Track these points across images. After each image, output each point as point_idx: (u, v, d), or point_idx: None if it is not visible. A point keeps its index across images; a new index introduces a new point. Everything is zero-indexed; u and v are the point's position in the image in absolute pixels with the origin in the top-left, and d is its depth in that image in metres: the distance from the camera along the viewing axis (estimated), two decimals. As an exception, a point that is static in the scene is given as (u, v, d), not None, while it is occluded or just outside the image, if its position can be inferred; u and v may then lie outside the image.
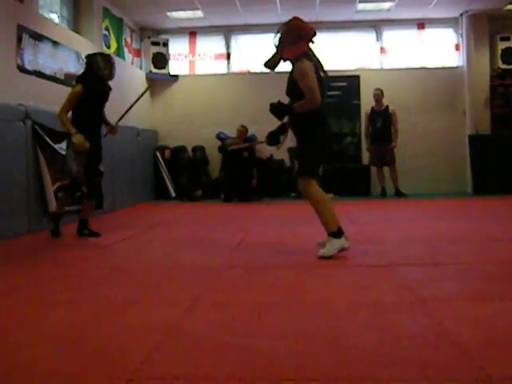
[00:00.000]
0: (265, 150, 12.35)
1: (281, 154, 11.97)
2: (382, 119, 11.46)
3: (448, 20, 12.65)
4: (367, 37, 12.86)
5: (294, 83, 4.96)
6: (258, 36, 12.85)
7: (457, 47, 12.85)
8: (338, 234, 4.89)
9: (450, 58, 12.91)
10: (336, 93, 12.89)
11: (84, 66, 6.41)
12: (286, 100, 5.13)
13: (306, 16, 11.90)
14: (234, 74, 13.01)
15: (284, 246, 5.66)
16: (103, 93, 6.34)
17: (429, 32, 12.82)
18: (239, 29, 12.82)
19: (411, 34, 12.82)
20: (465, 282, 3.92)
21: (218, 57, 13.05)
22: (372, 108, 11.61)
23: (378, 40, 12.82)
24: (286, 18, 11.94)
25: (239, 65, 13.03)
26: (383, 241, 5.84)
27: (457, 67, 12.79)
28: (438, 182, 12.45)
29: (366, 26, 12.75)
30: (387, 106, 11.53)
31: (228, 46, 13.00)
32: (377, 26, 12.74)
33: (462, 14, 12.36)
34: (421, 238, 6.00)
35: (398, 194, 11.54)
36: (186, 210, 10.14)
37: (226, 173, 11.48)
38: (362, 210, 9.40)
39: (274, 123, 5.10)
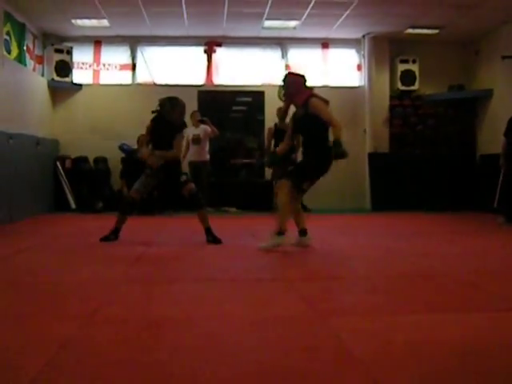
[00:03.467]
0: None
1: (184, 166, 11.92)
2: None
3: (351, 41, 13.00)
4: (273, 54, 13.04)
5: (308, 119, 6.30)
6: (165, 48, 12.81)
7: (359, 67, 13.22)
8: (280, 233, 6.04)
9: (352, 77, 13.27)
10: (241, 108, 13.02)
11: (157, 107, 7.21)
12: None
13: (213, 31, 12.10)
14: (139, 85, 12.87)
15: (184, 260, 5.64)
16: (170, 130, 7.03)
17: (332, 51, 13.13)
18: (145, 40, 12.71)
19: (315, 52, 13.10)
20: (361, 295, 4.02)
21: (123, 67, 12.87)
22: (275, 125, 11.74)
23: (283, 57, 13.01)
24: (193, 31, 12.16)
25: (144, 76, 12.90)
26: (281, 255, 5.90)
27: (358, 87, 13.17)
28: (339, 198, 12.74)
29: (271, 43, 12.92)
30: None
31: (134, 57, 12.85)
32: (282, 43, 12.94)
33: (364, 36, 12.74)
34: (320, 253, 6.11)
35: (304, 208, 11.70)
36: (87, 222, 9.92)
37: (128, 185, 11.32)
38: (265, 224, 9.46)
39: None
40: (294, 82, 6.70)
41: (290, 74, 6.98)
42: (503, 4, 10.24)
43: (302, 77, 6.76)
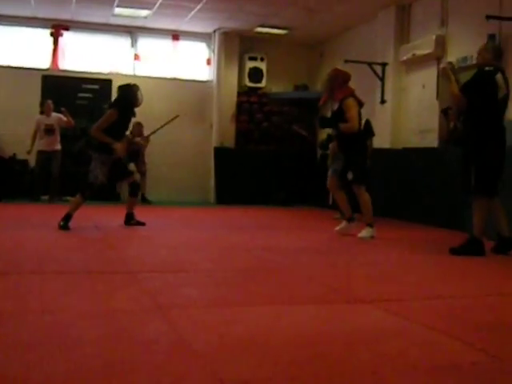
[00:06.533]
0: (7, 149, 11.77)
1: (24, 154, 11.44)
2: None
3: (202, 35, 13.06)
4: (122, 42, 12.82)
5: (340, 116, 6.98)
6: (8, 28, 12.18)
7: (208, 62, 13.31)
8: (371, 224, 6.99)
9: (201, 71, 13.34)
10: (87, 95, 12.69)
11: (118, 93, 7.54)
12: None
13: (61, 14, 11.68)
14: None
15: (21, 251, 5.40)
16: (131, 116, 7.48)
17: (183, 44, 13.13)
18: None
19: (166, 44, 13.03)
20: (202, 288, 4.05)
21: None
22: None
23: (132, 46, 12.83)
24: (40, 12, 11.61)
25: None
26: (126, 247, 5.85)
27: (207, 81, 13.26)
28: (184, 191, 12.78)
29: (121, 31, 12.69)
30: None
31: (-28, 35, 12.11)
32: (132, 32, 12.75)
33: (215, 31, 12.83)
34: (163, 245, 6.10)
35: (144, 200, 11.63)
36: None
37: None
38: (108, 215, 9.31)
39: (17, 121, 4.80)
40: (336, 78, 7.03)
41: (335, 69, 7.26)
42: (346, 11, 10.73)
43: (346, 74, 7.08)
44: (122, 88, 7.53)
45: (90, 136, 7.31)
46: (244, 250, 5.94)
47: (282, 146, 13.01)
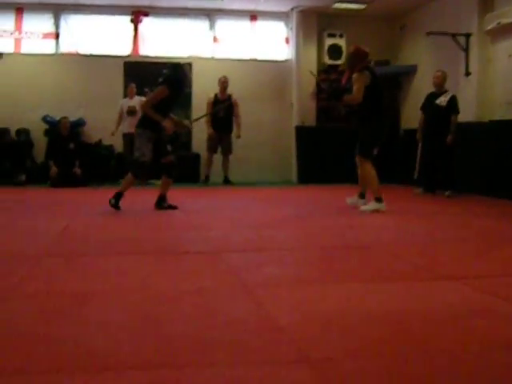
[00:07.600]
0: (93, 135, 12.09)
1: (110, 139, 11.73)
2: (225, 108, 11.40)
3: (279, 14, 12.97)
4: (200, 25, 12.89)
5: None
6: (90, 17, 12.46)
7: (287, 41, 13.22)
8: (379, 199, 7.05)
9: (280, 50, 13.27)
10: (168, 79, 12.83)
11: (168, 71, 7.63)
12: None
13: (140, 0, 11.85)
14: (63, 54, 12.49)
15: (109, 233, 5.55)
16: (180, 95, 7.41)
17: (261, 24, 13.09)
18: (69, 8, 12.30)
19: (244, 25, 13.02)
20: (287, 266, 4.05)
21: (45, 36, 12.45)
22: (215, 95, 11.60)
23: (211, 29, 12.88)
24: (119, 0, 11.73)
25: (68, 45, 12.52)
26: (210, 228, 5.90)
27: (286, 60, 13.18)
28: (265, 171, 12.79)
29: (199, 14, 12.76)
30: (230, 96, 11.59)
31: (57, 25, 12.44)
32: (210, 14, 12.79)
33: (292, 9, 12.73)
34: (247, 225, 6.13)
35: (226, 181, 11.72)
36: (8, 195, 9.65)
37: (54, 159, 11.11)
38: (191, 197, 9.44)
39: (102, 107, 5.03)
40: (354, 55, 7.31)
41: (355, 46, 7.55)
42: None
43: (365, 51, 7.38)
44: (172, 66, 7.56)
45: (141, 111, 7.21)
46: (326, 228, 5.91)
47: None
